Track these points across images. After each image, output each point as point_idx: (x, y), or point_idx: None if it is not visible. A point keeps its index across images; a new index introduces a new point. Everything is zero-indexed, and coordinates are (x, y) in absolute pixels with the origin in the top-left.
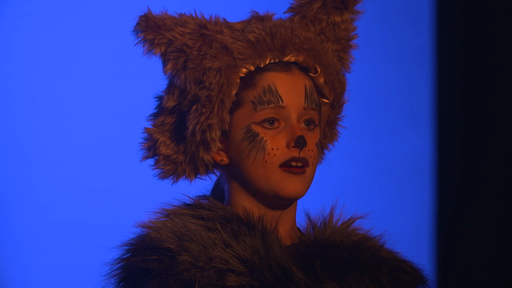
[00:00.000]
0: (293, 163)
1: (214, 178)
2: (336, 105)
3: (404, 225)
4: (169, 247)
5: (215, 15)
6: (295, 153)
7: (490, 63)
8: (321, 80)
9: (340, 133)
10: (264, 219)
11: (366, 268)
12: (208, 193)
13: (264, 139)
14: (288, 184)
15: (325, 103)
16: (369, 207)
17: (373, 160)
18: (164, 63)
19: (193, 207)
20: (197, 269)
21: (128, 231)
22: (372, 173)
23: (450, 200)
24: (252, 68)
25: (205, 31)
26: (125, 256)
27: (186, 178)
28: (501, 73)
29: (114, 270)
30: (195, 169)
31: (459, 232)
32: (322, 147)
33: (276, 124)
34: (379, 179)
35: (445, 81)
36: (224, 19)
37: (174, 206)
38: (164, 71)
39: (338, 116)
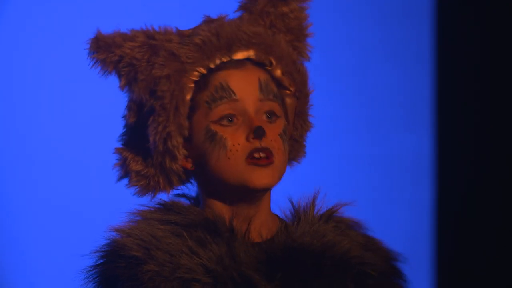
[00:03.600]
0: (256, 155)
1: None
2: (300, 95)
3: (404, 225)
4: (135, 255)
5: (165, 26)
6: (256, 144)
7: (490, 63)
8: (278, 71)
9: (312, 124)
10: (234, 222)
11: (331, 277)
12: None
13: (224, 136)
14: (256, 176)
15: (288, 95)
16: (368, 207)
17: (372, 160)
18: (119, 80)
19: (166, 209)
20: (162, 278)
21: (102, 236)
22: (371, 173)
23: (450, 200)
24: (204, 71)
25: (152, 41)
26: (99, 262)
27: (162, 190)
28: (501, 72)
29: (89, 277)
30: (169, 180)
31: (459, 232)
32: (296, 140)
33: (234, 120)
34: (378, 179)
35: (445, 81)
36: (176, 28)
37: (147, 207)
38: (120, 87)
39: (306, 107)
